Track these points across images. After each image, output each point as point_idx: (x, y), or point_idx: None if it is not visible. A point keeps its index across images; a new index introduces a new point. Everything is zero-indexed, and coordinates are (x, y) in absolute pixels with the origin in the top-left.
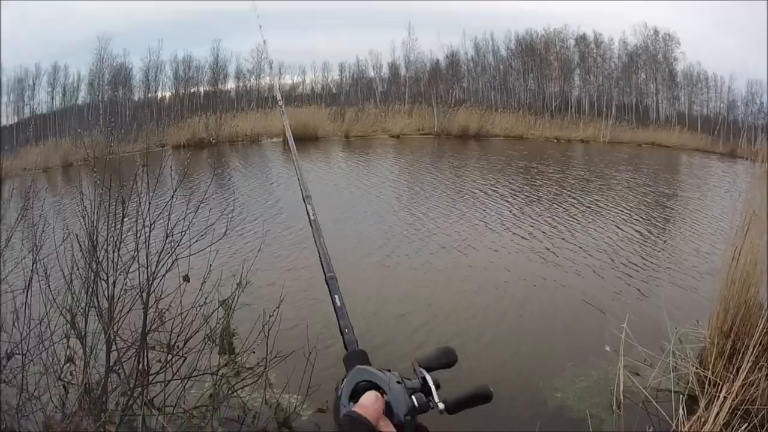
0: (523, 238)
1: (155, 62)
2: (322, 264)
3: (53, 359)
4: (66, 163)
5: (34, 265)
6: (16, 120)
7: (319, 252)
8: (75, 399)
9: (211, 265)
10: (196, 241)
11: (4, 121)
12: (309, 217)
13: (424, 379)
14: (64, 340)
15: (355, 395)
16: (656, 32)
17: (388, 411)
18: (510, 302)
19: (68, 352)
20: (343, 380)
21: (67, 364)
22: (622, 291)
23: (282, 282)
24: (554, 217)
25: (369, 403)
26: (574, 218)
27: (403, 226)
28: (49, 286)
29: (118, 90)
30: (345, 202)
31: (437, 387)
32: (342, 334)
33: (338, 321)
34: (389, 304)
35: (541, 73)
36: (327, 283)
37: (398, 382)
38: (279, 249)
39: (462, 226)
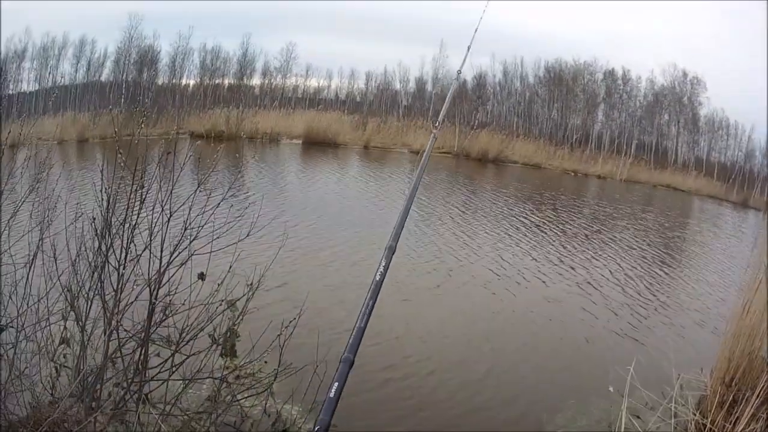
0: (538, 270)
1: (183, 48)
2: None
3: (48, 339)
4: (82, 138)
5: (41, 241)
6: (37, 87)
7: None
8: (66, 383)
9: (231, 266)
10: (217, 238)
11: (24, 87)
12: (378, 272)
13: None
14: (62, 322)
15: None
16: (685, 74)
17: None
18: (518, 333)
19: (64, 334)
20: None
21: (62, 346)
22: (630, 331)
23: (299, 289)
24: (568, 252)
25: None
26: (587, 254)
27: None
28: (56, 264)
29: (144, 72)
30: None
31: None
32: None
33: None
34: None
35: (565, 104)
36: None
37: None
38: (298, 254)
39: (472, 252)
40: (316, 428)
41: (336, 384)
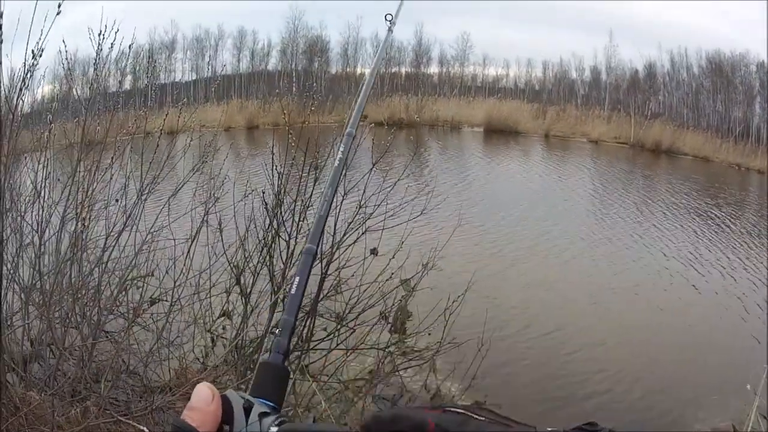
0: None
1: (354, 39)
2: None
3: (206, 311)
4: (251, 124)
5: (206, 216)
6: (194, 77)
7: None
8: (221, 353)
9: (402, 242)
10: (391, 215)
11: (179, 77)
12: (337, 159)
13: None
14: (224, 294)
15: None
16: None
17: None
18: (667, 327)
19: (226, 307)
20: None
21: (221, 318)
22: None
23: (471, 269)
24: (727, 251)
25: (202, 404)
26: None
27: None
28: (222, 240)
29: (314, 60)
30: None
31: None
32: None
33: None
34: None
35: (727, 95)
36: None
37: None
38: (473, 237)
39: (637, 247)
40: (278, 330)
41: (297, 278)
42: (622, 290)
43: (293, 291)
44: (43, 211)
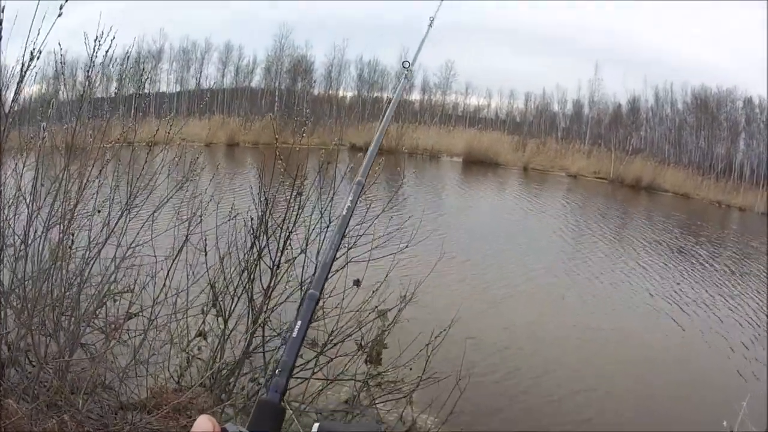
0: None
1: (339, 60)
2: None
3: (183, 331)
4: (232, 141)
5: (188, 236)
6: (179, 89)
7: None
8: (196, 374)
9: (387, 275)
10: (375, 248)
11: (164, 88)
12: (345, 207)
13: None
14: (201, 315)
15: None
16: None
17: None
18: (638, 359)
19: (202, 328)
20: None
21: (198, 339)
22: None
23: (453, 304)
24: (711, 289)
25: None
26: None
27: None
28: (206, 259)
29: (298, 80)
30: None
31: None
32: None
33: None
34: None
35: (711, 132)
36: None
37: None
38: (455, 272)
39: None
40: (278, 370)
41: (299, 323)
42: (609, 330)
43: (294, 334)
44: (27, 216)
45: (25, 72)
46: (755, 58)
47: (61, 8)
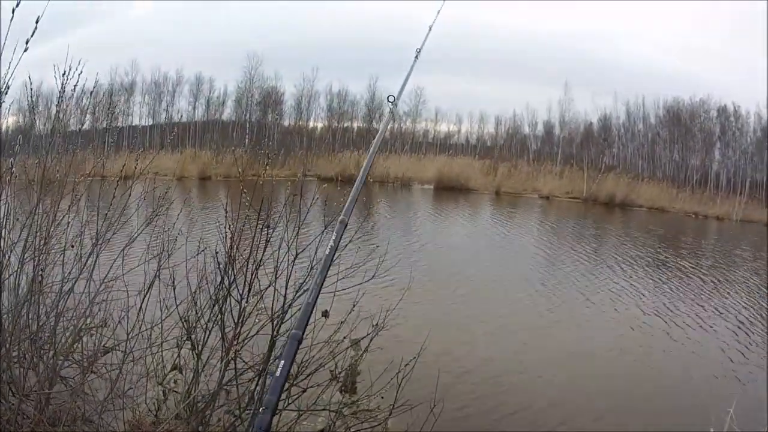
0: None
1: (309, 91)
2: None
3: (158, 365)
4: (203, 175)
5: (158, 271)
6: (151, 122)
7: None
8: (173, 407)
9: (354, 304)
10: (342, 278)
11: (136, 121)
12: (329, 247)
13: None
14: (175, 349)
15: None
16: None
17: None
18: (625, 366)
19: (177, 361)
20: None
21: (173, 372)
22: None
23: (424, 330)
24: (702, 302)
25: None
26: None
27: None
28: (174, 293)
29: (268, 113)
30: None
31: None
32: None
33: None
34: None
35: (685, 144)
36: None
37: None
38: (427, 298)
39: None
40: (262, 408)
41: (282, 363)
42: (593, 347)
43: (278, 373)
44: (1, 252)
45: None
46: (730, 64)
47: (27, 42)
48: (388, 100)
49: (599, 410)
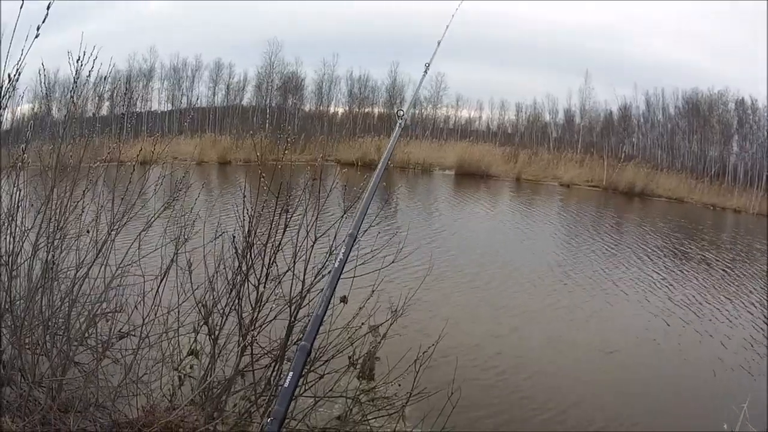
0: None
1: (329, 76)
2: None
3: (174, 350)
4: (223, 160)
5: (176, 255)
6: (170, 108)
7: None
8: (188, 392)
9: (373, 290)
10: (362, 264)
11: (156, 107)
12: (337, 260)
13: None
14: (192, 334)
15: None
16: None
17: None
18: (641, 360)
19: (193, 346)
20: None
21: (189, 357)
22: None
23: (444, 317)
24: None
25: None
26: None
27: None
28: (191, 279)
29: (288, 98)
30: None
31: None
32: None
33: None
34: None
35: (703, 135)
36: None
37: None
38: (446, 285)
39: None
40: (270, 419)
41: (291, 374)
42: (617, 339)
43: (286, 384)
44: (14, 238)
45: (5, 96)
46: (748, 57)
47: (38, 29)
48: (398, 115)
49: (629, 410)
